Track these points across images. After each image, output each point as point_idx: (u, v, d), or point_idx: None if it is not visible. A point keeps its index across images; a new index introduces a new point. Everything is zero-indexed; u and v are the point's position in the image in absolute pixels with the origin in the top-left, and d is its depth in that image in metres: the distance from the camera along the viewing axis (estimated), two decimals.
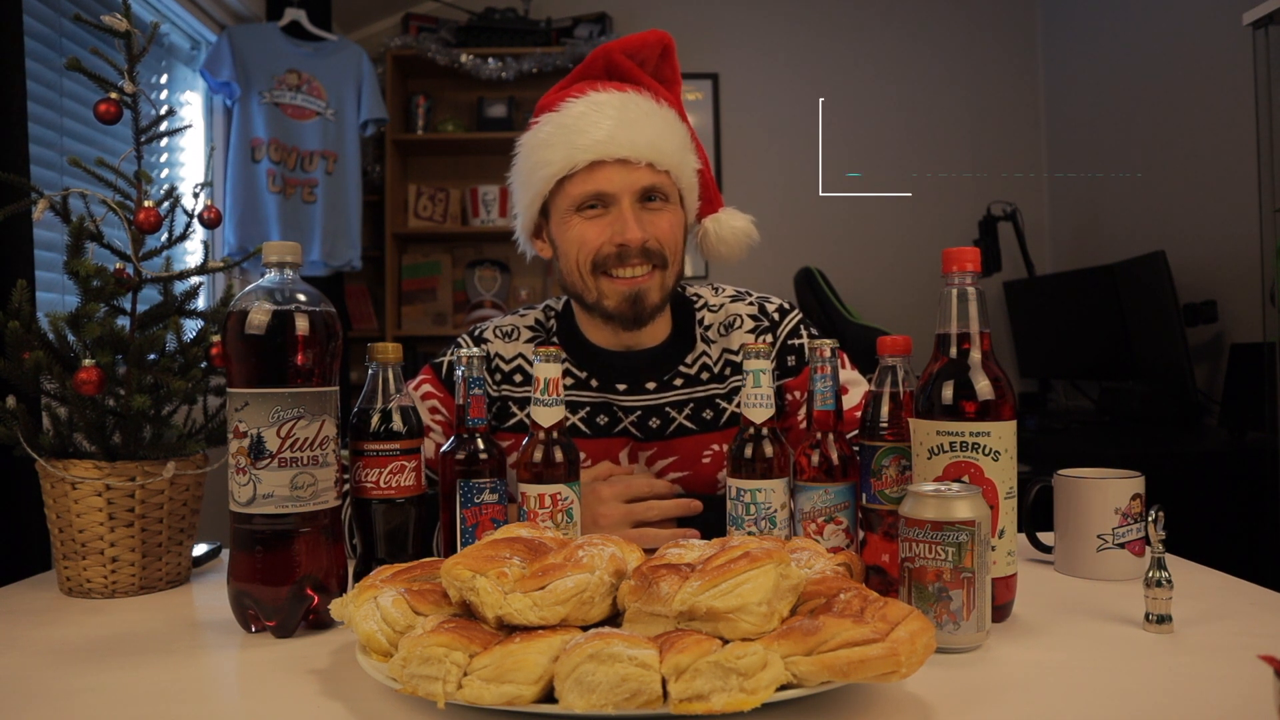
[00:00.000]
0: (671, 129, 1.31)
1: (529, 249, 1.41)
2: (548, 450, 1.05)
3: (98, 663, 0.87)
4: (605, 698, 0.65)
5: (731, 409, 1.35)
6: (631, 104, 1.29)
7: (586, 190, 1.28)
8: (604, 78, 1.35)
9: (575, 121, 1.27)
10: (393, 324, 3.94)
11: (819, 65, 4.10)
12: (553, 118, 1.30)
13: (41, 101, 2.16)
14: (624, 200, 1.28)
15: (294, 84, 3.22)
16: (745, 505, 1.01)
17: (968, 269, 0.93)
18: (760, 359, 1.02)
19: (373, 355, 1.08)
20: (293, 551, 0.93)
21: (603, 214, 1.29)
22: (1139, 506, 1.08)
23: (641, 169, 1.28)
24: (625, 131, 1.26)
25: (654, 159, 1.28)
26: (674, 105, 1.35)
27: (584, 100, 1.29)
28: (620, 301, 1.30)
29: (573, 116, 1.28)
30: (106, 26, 1.14)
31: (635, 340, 1.36)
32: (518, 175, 1.36)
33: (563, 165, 1.27)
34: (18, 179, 1.19)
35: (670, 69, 1.39)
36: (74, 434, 1.13)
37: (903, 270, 3.99)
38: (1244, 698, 0.73)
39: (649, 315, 1.32)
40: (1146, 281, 2.87)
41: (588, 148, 1.26)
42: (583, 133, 1.26)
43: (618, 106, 1.28)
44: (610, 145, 1.26)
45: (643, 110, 1.29)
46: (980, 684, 0.78)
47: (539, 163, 1.30)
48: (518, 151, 1.36)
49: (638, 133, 1.27)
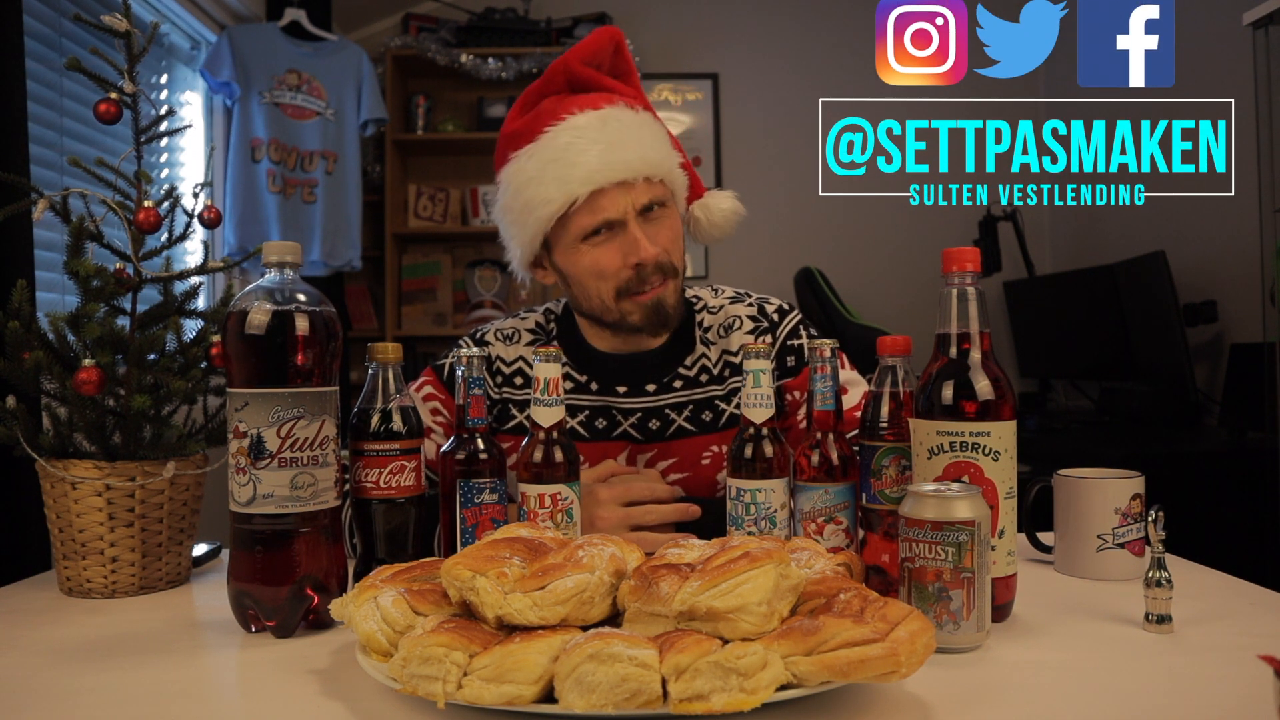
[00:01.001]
0: (654, 134, 1.31)
1: (527, 277, 1.39)
2: (548, 450, 1.05)
3: (98, 663, 0.87)
4: (605, 698, 0.65)
5: (730, 410, 1.35)
6: (611, 121, 1.28)
7: (593, 221, 1.26)
8: (566, 91, 1.33)
9: (563, 154, 1.25)
10: (393, 324, 3.94)
11: (819, 65, 4.11)
12: (535, 151, 1.27)
13: (41, 101, 2.16)
14: (629, 220, 1.27)
15: (294, 84, 3.22)
16: (745, 505, 1.00)
17: (968, 269, 0.93)
18: (760, 359, 1.02)
19: (373, 355, 1.08)
20: (293, 551, 0.93)
21: (610, 238, 1.28)
22: (1139, 506, 1.08)
23: (639, 186, 1.27)
24: (616, 153, 1.25)
25: (648, 173, 1.28)
26: (644, 104, 1.34)
27: (564, 128, 1.26)
28: (645, 314, 1.30)
29: (558, 149, 1.25)
30: (106, 26, 1.14)
31: (636, 344, 1.36)
32: (508, 212, 1.32)
33: (563, 202, 1.25)
34: (18, 179, 1.19)
35: (624, 62, 1.37)
36: (74, 434, 1.13)
37: (903, 270, 3.99)
38: (1244, 698, 0.73)
39: (672, 320, 1.33)
40: (1146, 281, 2.87)
41: (584, 179, 1.24)
42: (573, 165, 1.24)
43: (599, 128, 1.26)
44: (606, 171, 1.24)
45: (624, 124, 1.28)
46: (980, 684, 0.78)
47: (534, 201, 1.27)
48: (502, 186, 1.33)
49: (628, 151, 1.26)
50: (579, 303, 1.35)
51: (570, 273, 1.32)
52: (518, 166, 1.29)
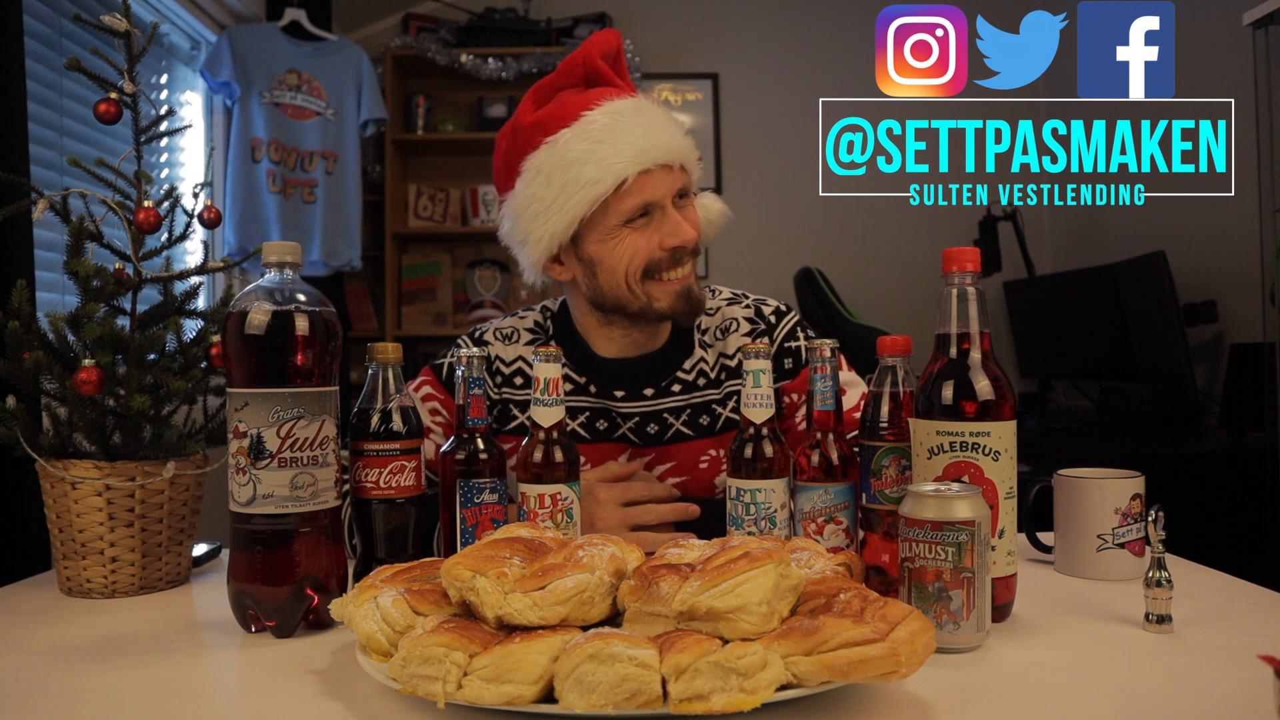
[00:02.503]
0: (679, 125, 1.31)
1: (539, 278, 1.34)
2: (548, 450, 1.05)
3: (98, 663, 0.87)
4: (605, 698, 0.65)
5: (727, 414, 1.35)
6: (645, 109, 1.27)
7: (640, 201, 1.24)
8: (584, 85, 1.31)
9: (608, 134, 1.23)
10: (393, 324, 3.94)
11: (819, 65, 4.11)
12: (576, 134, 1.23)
13: (41, 101, 2.16)
14: (667, 204, 1.27)
15: (294, 84, 3.22)
16: (745, 505, 1.01)
17: (968, 269, 0.93)
18: (760, 359, 1.02)
19: (373, 355, 1.08)
20: (293, 551, 0.93)
21: (648, 222, 1.27)
22: (1139, 506, 1.08)
23: (676, 171, 1.27)
24: (658, 135, 1.25)
25: (684, 159, 1.28)
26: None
27: (601, 111, 1.24)
28: (674, 300, 1.29)
29: (602, 129, 1.23)
30: (106, 26, 1.14)
31: (636, 346, 1.36)
32: (535, 201, 1.26)
33: (612, 181, 1.21)
34: (18, 179, 1.19)
35: (622, 64, 1.36)
36: (74, 434, 1.13)
37: (903, 270, 3.99)
38: (1244, 698, 0.73)
39: (700, 306, 1.33)
40: (1146, 281, 2.87)
41: (635, 159, 1.22)
42: (624, 145, 1.22)
43: (635, 112, 1.26)
44: (654, 152, 1.23)
45: (655, 113, 1.28)
46: (980, 684, 0.78)
47: (577, 182, 1.22)
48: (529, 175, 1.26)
49: (667, 135, 1.26)
50: (600, 293, 1.30)
51: (603, 259, 1.27)
52: (555, 151, 1.24)
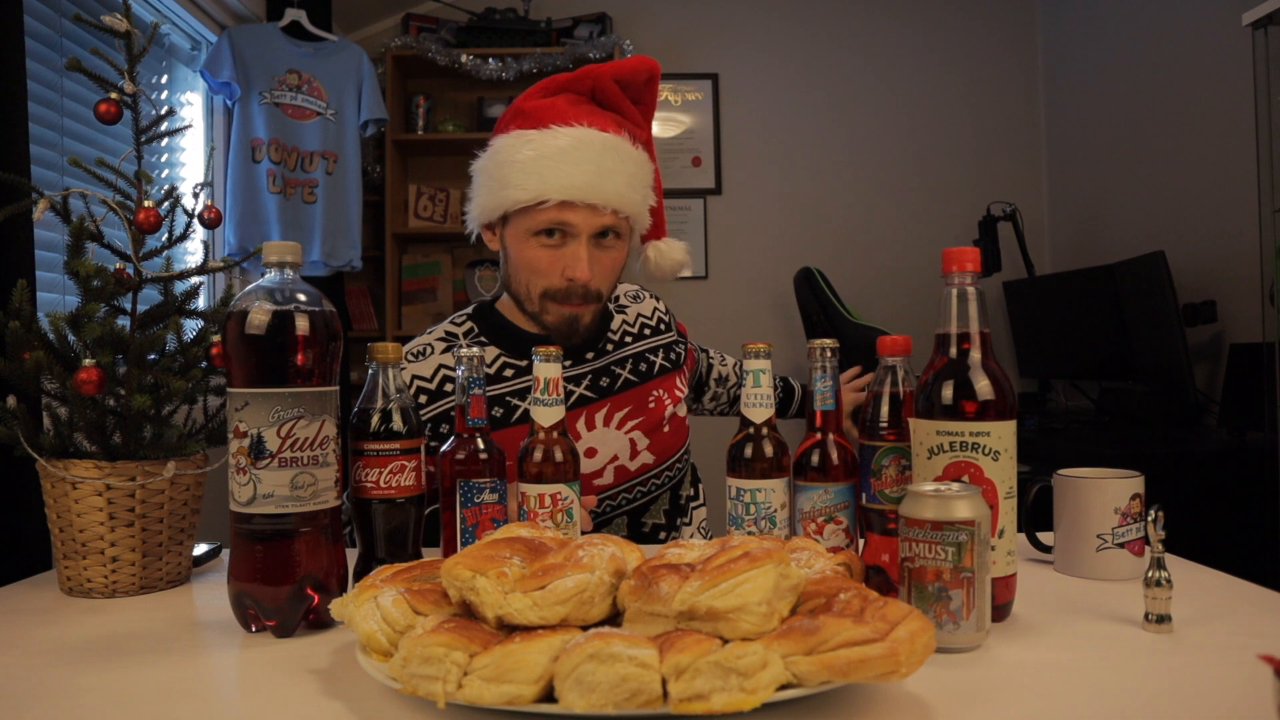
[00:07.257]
0: (641, 175, 1.38)
1: (477, 233, 1.47)
2: (548, 450, 1.05)
3: (98, 663, 0.87)
4: (605, 697, 0.65)
5: (660, 361, 1.52)
6: (611, 150, 1.34)
7: (550, 220, 1.34)
8: (588, 98, 1.40)
9: (557, 156, 1.31)
10: (393, 324, 3.94)
11: (819, 65, 4.11)
12: (534, 140, 1.33)
13: (41, 101, 2.16)
14: (582, 237, 1.34)
15: (294, 84, 3.22)
16: (745, 505, 1.01)
17: (968, 269, 0.93)
18: (760, 358, 1.02)
19: (373, 355, 1.08)
20: (293, 551, 0.93)
21: (559, 244, 1.35)
22: (1139, 506, 1.08)
23: (606, 214, 1.34)
24: (601, 180, 1.31)
25: (619, 207, 1.35)
26: (647, 143, 1.42)
27: (568, 133, 1.32)
28: (559, 322, 1.40)
29: (556, 150, 1.31)
30: (106, 27, 1.14)
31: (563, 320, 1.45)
32: (483, 173, 1.39)
33: (534, 197, 1.32)
34: (18, 179, 1.19)
35: (650, 95, 1.44)
36: (74, 434, 1.13)
37: (903, 270, 3.99)
38: (1244, 698, 0.73)
39: (581, 336, 1.42)
40: (1146, 281, 2.87)
41: (563, 189, 1.31)
42: (561, 173, 1.30)
43: (599, 150, 1.32)
44: (585, 191, 1.31)
45: (620, 157, 1.34)
46: (980, 684, 0.78)
47: (510, 181, 1.33)
48: (492, 148, 1.39)
49: (612, 182, 1.33)
50: (510, 283, 1.44)
51: (511, 254, 1.41)
52: (511, 144, 1.36)
